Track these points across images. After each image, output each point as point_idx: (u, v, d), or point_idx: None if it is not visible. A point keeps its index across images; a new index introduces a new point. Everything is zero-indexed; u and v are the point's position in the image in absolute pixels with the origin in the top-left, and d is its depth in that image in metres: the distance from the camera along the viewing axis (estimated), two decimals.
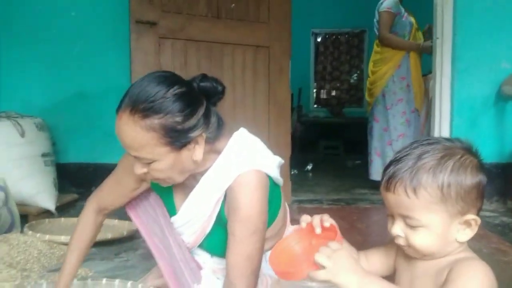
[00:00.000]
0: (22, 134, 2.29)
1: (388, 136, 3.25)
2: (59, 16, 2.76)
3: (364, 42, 7.09)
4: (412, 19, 3.31)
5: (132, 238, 1.95)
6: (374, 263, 0.92)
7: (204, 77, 1.01)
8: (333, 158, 5.81)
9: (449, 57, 2.77)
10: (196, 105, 0.96)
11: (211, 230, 1.09)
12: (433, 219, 0.74)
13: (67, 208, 2.53)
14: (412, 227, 0.76)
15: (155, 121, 0.90)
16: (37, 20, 2.76)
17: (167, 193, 1.18)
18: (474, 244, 1.82)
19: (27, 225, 1.95)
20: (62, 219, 2.20)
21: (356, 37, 7.24)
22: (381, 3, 3.24)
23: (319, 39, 7.40)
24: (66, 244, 1.76)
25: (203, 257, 1.20)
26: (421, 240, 0.76)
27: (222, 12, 2.54)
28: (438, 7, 2.79)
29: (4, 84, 2.78)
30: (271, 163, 1.06)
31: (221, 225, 1.07)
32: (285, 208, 1.25)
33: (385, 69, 3.24)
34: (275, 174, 1.08)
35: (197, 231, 1.11)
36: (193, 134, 0.95)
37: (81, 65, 2.77)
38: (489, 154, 2.74)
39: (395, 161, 0.78)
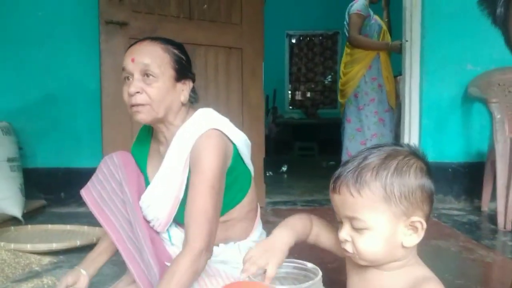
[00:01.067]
0: None
1: (362, 136, 3.31)
2: (25, 16, 2.67)
3: (338, 44, 7.19)
4: (381, 22, 3.38)
5: None
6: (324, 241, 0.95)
7: None
8: (308, 159, 5.87)
9: (418, 59, 2.84)
10: (190, 61, 1.23)
11: (183, 197, 1.14)
12: (378, 219, 0.74)
13: (35, 215, 2.46)
14: (358, 229, 0.76)
15: (171, 48, 1.16)
16: (2, 20, 2.67)
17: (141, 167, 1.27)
18: (442, 243, 1.88)
19: None
20: (29, 226, 2.13)
21: (329, 39, 7.33)
22: (351, 6, 3.33)
23: (293, 41, 7.45)
24: (32, 252, 1.71)
25: (176, 237, 1.22)
26: (367, 243, 0.75)
27: (194, 13, 2.52)
28: (406, 11, 2.86)
29: None
30: (235, 132, 1.19)
31: None
32: (254, 196, 1.28)
33: (356, 70, 3.31)
34: (239, 143, 1.19)
35: (170, 200, 1.16)
36: (189, 74, 1.19)
37: (49, 67, 2.69)
38: (456, 153, 2.82)
39: (343, 164, 0.79)
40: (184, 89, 1.17)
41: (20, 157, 2.45)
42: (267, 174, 4.04)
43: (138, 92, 1.10)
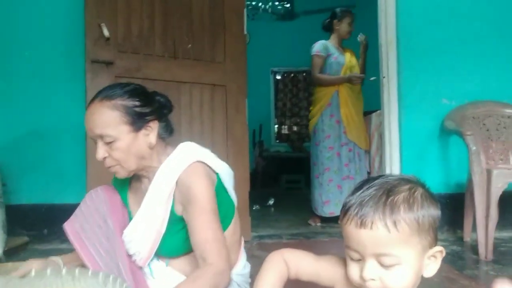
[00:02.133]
0: None
1: (316, 170, 3.44)
2: (13, 55, 2.73)
3: None
4: (346, 58, 3.52)
5: None
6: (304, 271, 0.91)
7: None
8: (295, 191, 5.88)
9: (396, 94, 2.94)
10: (151, 99, 1.20)
11: (166, 231, 1.17)
12: (410, 254, 0.73)
13: (17, 252, 2.42)
14: (387, 266, 0.73)
15: (119, 102, 1.13)
16: None
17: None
18: None
19: None
20: (10, 263, 2.09)
21: None
22: (312, 47, 3.52)
23: (278, 77, 7.64)
24: None
25: (158, 271, 1.22)
26: (398, 279, 0.73)
27: (179, 52, 2.60)
28: (382, 48, 2.99)
29: None
30: (218, 163, 1.23)
31: (174, 222, 1.17)
32: (237, 228, 1.31)
33: (316, 109, 3.49)
34: (222, 172, 1.23)
35: (152, 234, 1.17)
36: (149, 118, 1.17)
37: (35, 103, 2.72)
38: (437, 185, 2.87)
39: (361, 199, 0.75)
40: (149, 133, 1.18)
41: (3, 193, 2.43)
42: (254, 208, 4.04)
43: (104, 157, 1.15)
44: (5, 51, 2.73)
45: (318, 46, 3.48)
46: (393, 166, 2.92)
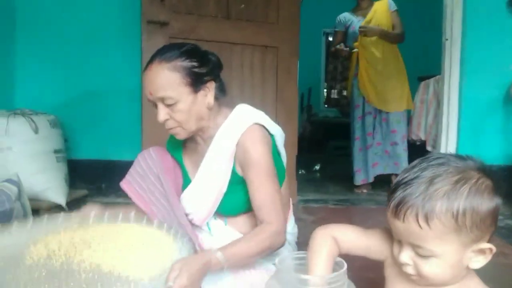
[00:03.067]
0: (36, 131, 2.35)
1: (352, 140, 3.45)
2: (71, 16, 2.82)
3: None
4: (367, 18, 3.34)
5: None
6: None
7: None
8: (342, 158, 5.81)
9: (458, 59, 2.77)
10: (206, 58, 1.20)
11: (226, 191, 1.21)
12: (446, 249, 0.70)
13: (78, 203, 2.58)
14: (422, 256, 0.72)
15: (178, 63, 1.13)
16: (50, 20, 2.83)
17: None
18: None
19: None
20: (72, 214, 2.25)
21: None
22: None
23: (330, 39, 7.39)
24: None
25: (216, 229, 1.26)
26: (432, 270, 0.71)
27: (232, 12, 2.57)
28: (447, 8, 2.79)
29: (19, 82, 2.85)
30: (272, 125, 1.25)
31: (235, 182, 1.20)
32: (287, 190, 1.34)
33: (349, 80, 3.51)
34: (276, 135, 1.26)
35: (214, 193, 1.21)
36: (207, 78, 1.17)
37: (93, 64, 2.83)
38: (496, 156, 2.73)
39: (403, 183, 0.72)
40: (207, 94, 1.19)
41: (65, 149, 2.60)
42: (300, 172, 4.05)
43: (166, 119, 1.16)
44: (62, 14, 2.82)
45: (336, 22, 3.59)
46: (449, 136, 2.79)
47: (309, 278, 0.82)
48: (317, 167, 4.63)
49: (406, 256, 0.74)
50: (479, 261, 0.73)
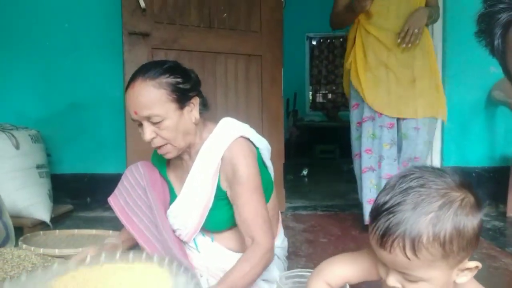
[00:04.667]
0: (17, 146, 2.30)
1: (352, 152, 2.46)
2: (52, 28, 2.78)
3: None
4: None
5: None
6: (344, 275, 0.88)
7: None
8: (329, 162, 5.84)
9: (439, 62, 2.80)
10: (189, 74, 1.20)
11: (212, 206, 1.20)
12: (434, 274, 0.70)
13: (62, 219, 2.54)
14: (411, 281, 0.71)
15: (163, 80, 1.12)
16: (31, 32, 2.78)
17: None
18: None
19: (21, 238, 1.96)
20: (57, 231, 2.21)
21: None
22: None
23: (314, 43, 7.44)
24: (60, 257, 1.77)
25: (203, 245, 1.25)
26: None
27: (215, 22, 2.56)
28: None
29: None
30: (257, 138, 1.24)
31: (220, 198, 1.19)
32: (276, 202, 1.33)
33: (346, 65, 2.36)
34: (262, 147, 1.25)
35: (199, 209, 1.20)
36: (191, 94, 1.17)
37: (75, 76, 2.79)
38: (481, 158, 2.77)
39: (386, 211, 0.70)
40: (192, 109, 1.18)
41: (48, 164, 2.55)
42: (288, 178, 4.04)
43: (153, 138, 1.14)
44: (44, 24, 2.78)
45: None
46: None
47: None
48: (305, 172, 4.63)
49: (393, 280, 0.73)
50: (466, 276, 0.74)
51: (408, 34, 2.09)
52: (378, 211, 0.71)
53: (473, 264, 0.72)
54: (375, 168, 2.21)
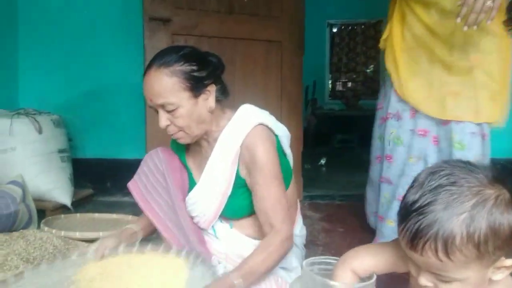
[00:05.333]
0: (39, 131, 2.34)
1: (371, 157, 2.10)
2: (73, 14, 2.80)
3: (380, 33, 6.98)
4: None
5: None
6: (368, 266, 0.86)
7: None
8: (347, 151, 5.78)
9: None
10: (206, 61, 1.17)
11: (231, 193, 1.19)
12: (468, 274, 0.67)
13: (83, 203, 2.59)
14: (444, 281, 0.69)
15: (177, 68, 1.11)
16: (52, 19, 2.80)
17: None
18: None
19: (43, 221, 2.00)
20: (78, 215, 2.25)
21: (372, 28, 7.14)
22: None
23: (334, 30, 7.32)
24: (80, 240, 1.81)
25: (222, 232, 1.25)
26: None
27: (235, 7, 2.53)
28: None
29: (22, 82, 2.84)
30: (277, 125, 1.22)
31: (239, 185, 1.19)
32: (294, 190, 1.32)
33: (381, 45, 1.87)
34: (281, 135, 1.22)
35: (218, 196, 1.20)
36: (207, 82, 1.14)
37: (96, 62, 2.81)
38: (502, 149, 2.69)
39: (416, 211, 0.67)
40: (208, 97, 1.16)
41: (69, 148, 2.59)
42: (305, 167, 4.03)
43: (168, 125, 1.14)
44: (64, 13, 2.80)
45: None
46: None
47: (336, 285, 0.80)
48: (323, 161, 4.60)
49: (425, 280, 0.70)
50: (502, 273, 0.71)
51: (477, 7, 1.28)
52: (408, 210, 0.68)
53: (510, 262, 0.69)
54: (392, 182, 1.76)
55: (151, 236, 1.33)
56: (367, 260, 0.86)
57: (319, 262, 0.92)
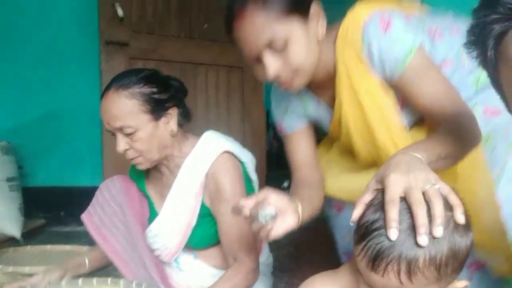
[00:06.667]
0: None
1: None
2: (26, 36, 2.70)
3: None
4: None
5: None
6: None
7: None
8: None
9: None
10: (167, 83, 1.15)
11: (195, 224, 1.16)
12: None
13: (35, 234, 2.44)
14: None
15: (136, 90, 1.08)
16: (4, 39, 2.69)
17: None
18: None
19: None
20: (28, 247, 2.09)
21: None
22: None
23: None
24: (31, 275, 1.68)
25: (186, 264, 1.21)
26: None
27: (195, 32, 2.55)
28: None
29: None
30: (242, 152, 1.20)
31: (204, 215, 1.15)
32: None
33: None
34: (247, 161, 1.20)
35: (182, 227, 1.16)
36: (168, 105, 1.11)
37: (50, 85, 2.71)
38: None
39: (376, 230, 0.65)
40: (169, 121, 1.13)
41: (19, 176, 2.45)
42: None
43: (126, 149, 1.10)
44: (18, 32, 2.70)
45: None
46: None
47: None
48: (286, 184, 4.60)
49: None
50: None
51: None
52: (368, 229, 0.66)
53: (462, 284, 0.70)
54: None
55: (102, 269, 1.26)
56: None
57: None
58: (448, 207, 0.66)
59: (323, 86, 1.04)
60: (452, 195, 0.66)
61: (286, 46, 0.88)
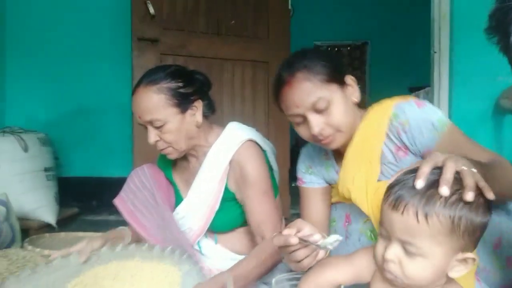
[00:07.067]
0: (25, 149, 2.33)
1: None
2: (62, 34, 2.82)
3: (366, 54, 7.13)
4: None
5: None
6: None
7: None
8: None
9: (447, 71, 2.79)
10: (192, 78, 1.22)
11: (219, 208, 1.22)
12: (435, 250, 0.70)
13: (68, 222, 2.56)
14: (410, 254, 0.72)
15: (163, 85, 1.15)
16: (41, 37, 2.82)
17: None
18: None
19: (27, 239, 1.97)
20: (62, 233, 2.22)
21: (358, 49, 7.28)
22: None
23: None
24: None
25: (207, 248, 1.27)
26: (416, 269, 0.71)
27: (222, 28, 2.59)
28: (435, 23, 2.83)
29: (9, 100, 2.83)
30: (264, 141, 1.25)
31: (228, 199, 1.21)
32: (279, 206, 1.33)
33: None
34: (268, 151, 1.26)
35: (206, 211, 1.22)
36: (193, 98, 1.19)
37: (84, 81, 2.82)
38: None
39: (403, 183, 0.73)
40: (195, 113, 1.20)
41: (55, 167, 2.57)
42: (292, 185, 4.03)
43: (157, 141, 1.17)
44: (53, 30, 2.82)
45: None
46: None
47: None
48: None
49: (392, 253, 0.73)
50: (460, 271, 0.74)
51: None
52: (395, 183, 0.74)
53: (471, 255, 0.73)
54: None
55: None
56: (330, 274, 0.86)
57: (289, 278, 0.92)
58: (478, 189, 0.71)
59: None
60: (483, 182, 0.71)
61: (328, 107, 1.01)
